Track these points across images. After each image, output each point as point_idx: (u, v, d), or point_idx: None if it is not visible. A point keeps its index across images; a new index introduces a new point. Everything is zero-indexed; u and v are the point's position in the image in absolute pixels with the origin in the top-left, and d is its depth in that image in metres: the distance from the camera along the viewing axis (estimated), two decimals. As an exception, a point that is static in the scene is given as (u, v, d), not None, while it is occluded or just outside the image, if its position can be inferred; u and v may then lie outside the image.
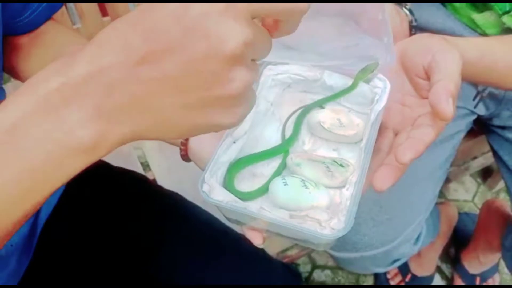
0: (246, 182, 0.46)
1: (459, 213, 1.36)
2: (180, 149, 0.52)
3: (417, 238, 0.86)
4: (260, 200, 0.44)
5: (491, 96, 0.80)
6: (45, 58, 0.56)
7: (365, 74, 0.48)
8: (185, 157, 0.53)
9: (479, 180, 1.52)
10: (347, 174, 0.44)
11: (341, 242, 0.80)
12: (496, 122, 0.84)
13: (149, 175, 1.01)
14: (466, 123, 0.85)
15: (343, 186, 0.43)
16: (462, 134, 0.86)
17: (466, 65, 0.44)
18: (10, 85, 1.06)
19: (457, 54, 0.43)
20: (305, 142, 0.49)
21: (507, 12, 0.68)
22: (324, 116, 0.48)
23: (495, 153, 0.88)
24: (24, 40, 0.56)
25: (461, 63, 0.42)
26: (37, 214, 0.62)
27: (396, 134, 0.47)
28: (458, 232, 1.32)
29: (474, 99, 0.82)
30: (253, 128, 0.49)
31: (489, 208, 1.27)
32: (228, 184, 0.45)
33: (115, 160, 0.74)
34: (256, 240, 0.43)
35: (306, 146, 0.49)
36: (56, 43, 0.57)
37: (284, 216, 0.40)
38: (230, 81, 0.28)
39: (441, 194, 1.49)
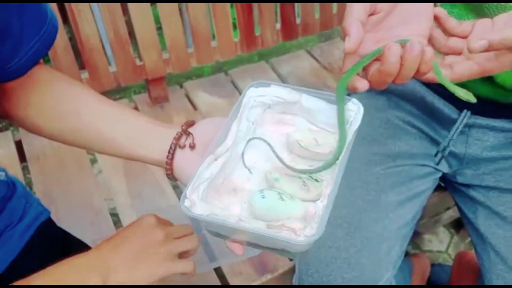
0: (227, 197, 0.49)
1: (433, 265, 1.36)
2: (166, 169, 0.55)
3: (387, 295, 0.86)
4: (241, 213, 0.47)
5: (453, 155, 0.84)
6: (45, 102, 0.59)
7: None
8: (171, 176, 0.56)
9: (452, 230, 1.55)
10: (321, 188, 0.48)
11: (312, 300, 0.80)
12: (460, 180, 0.87)
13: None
14: (432, 180, 0.88)
15: (318, 199, 0.47)
16: (429, 192, 0.89)
17: None
18: None
19: None
20: (283, 159, 0.52)
21: None
22: (302, 135, 0.52)
23: (461, 210, 0.90)
24: (13, 84, 0.58)
25: None
26: None
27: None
28: (432, 284, 1.32)
29: (435, 156, 0.85)
30: (235, 146, 0.52)
31: (461, 260, 1.28)
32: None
33: (87, 213, 0.74)
34: (237, 250, 0.47)
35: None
36: (48, 84, 0.59)
37: (261, 227, 0.43)
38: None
39: (415, 245, 1.51)
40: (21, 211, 0.64)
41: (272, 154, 0.52)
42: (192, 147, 0.55)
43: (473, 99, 0.54)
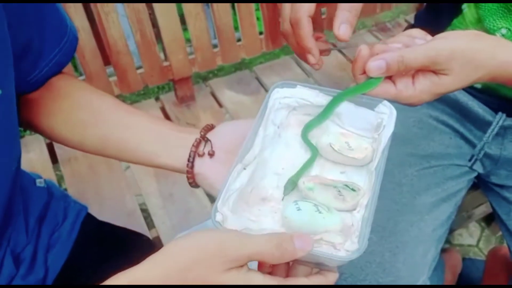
0: (257, 207, 0.47)
1: (464, 259, 1.35)
2: (187, 177, 0.54)
3: (422, 296, 0.85)
4: (274, 226, 0.45)
5: (487, 156, 0.82)
6: (66, 111, 0.58)
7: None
8: (193, 184, 0.55)
9: (483, 224, 1.52)
10: (358, 197, 0.45)
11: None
12: (494, 180, 0.85)
13: (153, 232, 1.02)
14: (467, 180, 0.86)
15: (354, 209, 0.45)
16: (464, 191, 0.87)
17: None
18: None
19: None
20: (313, 165, 0.50)
21: None
22: (334, 139, 0.50)
23: (494, 210, 0.88)
24: (35, 95, 0.58)
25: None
26: (44, 277, 0.61)
27: None
28: (463, 279, 1.30)
29: (470, 160, 0.83)
30: (262, 152, 0.50)
31: (495, 256, 1.26)
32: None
33: (120, 216, 0.75)
34: None
35: (314, 169, 0.50)
36: (68, 93, 0.59)
37: None
38: None
39: (446, 239, 1.49)
40: (62, 212, 0.64)
41: (300, 160, 0.49)
42: (211, 154, 0.54)
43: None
